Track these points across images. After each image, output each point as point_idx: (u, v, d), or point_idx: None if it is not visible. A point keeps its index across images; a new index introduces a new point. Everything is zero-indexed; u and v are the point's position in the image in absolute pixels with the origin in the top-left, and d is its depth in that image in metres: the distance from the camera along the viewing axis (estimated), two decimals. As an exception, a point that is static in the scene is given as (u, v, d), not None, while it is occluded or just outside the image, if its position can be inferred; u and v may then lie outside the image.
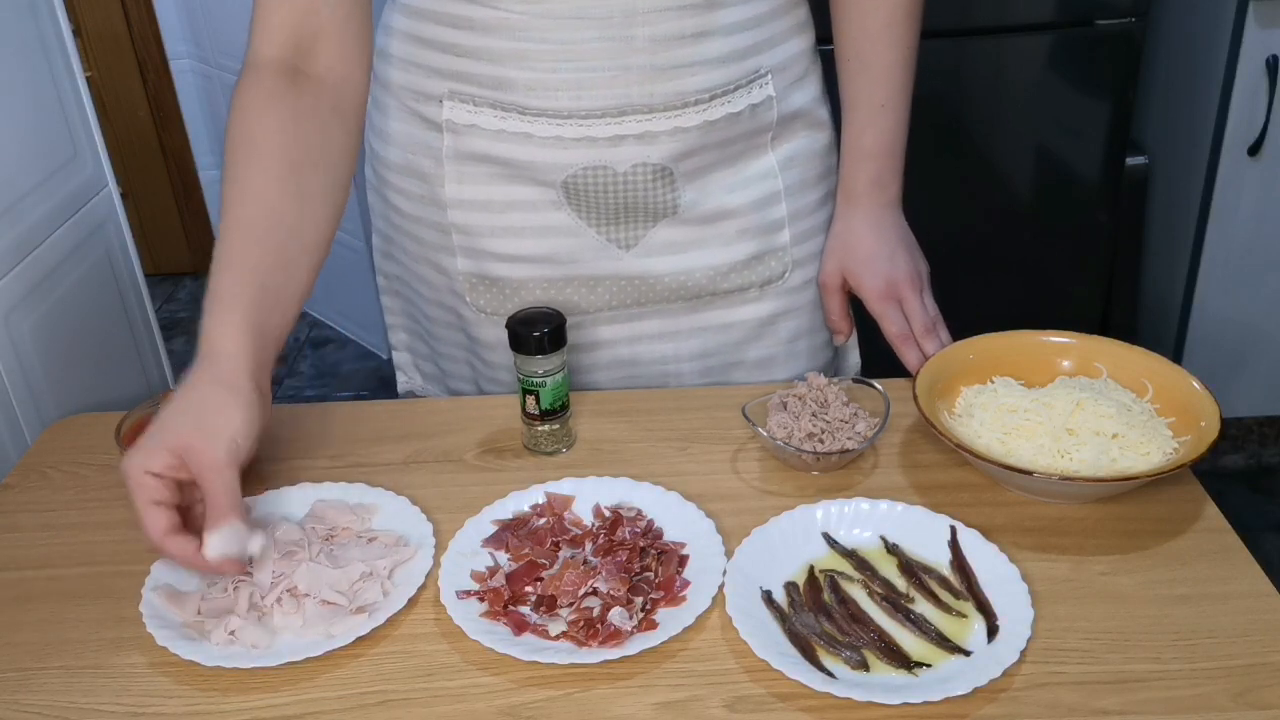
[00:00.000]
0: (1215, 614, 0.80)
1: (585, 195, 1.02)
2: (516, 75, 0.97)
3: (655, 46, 0.96)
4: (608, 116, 0.98)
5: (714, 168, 1.04)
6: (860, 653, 0.77)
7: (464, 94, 1.00)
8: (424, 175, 1.05)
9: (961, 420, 0.97)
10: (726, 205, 1.05)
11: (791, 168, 1.08)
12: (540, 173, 1.01)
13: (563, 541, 0.87)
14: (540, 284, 1.07)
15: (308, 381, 2.92)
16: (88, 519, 0.95)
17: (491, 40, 0.97)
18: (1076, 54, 2.08)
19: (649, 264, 1.06)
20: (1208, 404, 0.92)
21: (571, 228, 1.04)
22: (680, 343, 1.11)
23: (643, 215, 1.04)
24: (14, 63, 1.26)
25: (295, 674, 0.78)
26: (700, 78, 0.98)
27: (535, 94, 0.98)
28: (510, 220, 1.04)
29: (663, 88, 0.97)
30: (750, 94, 1.02)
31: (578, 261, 1.06)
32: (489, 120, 1.00)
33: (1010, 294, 2.27)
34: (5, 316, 1.20)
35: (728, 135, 1.02)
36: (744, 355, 1.12)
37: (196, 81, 3.11)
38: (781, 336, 1.13)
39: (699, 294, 1.08)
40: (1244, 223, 2.13)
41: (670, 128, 0.99)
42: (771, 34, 1.02)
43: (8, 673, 0.79)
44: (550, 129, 0.99)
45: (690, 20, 0.96)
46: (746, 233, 1.07)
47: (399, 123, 1.06)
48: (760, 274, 1.09)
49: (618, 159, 0.99)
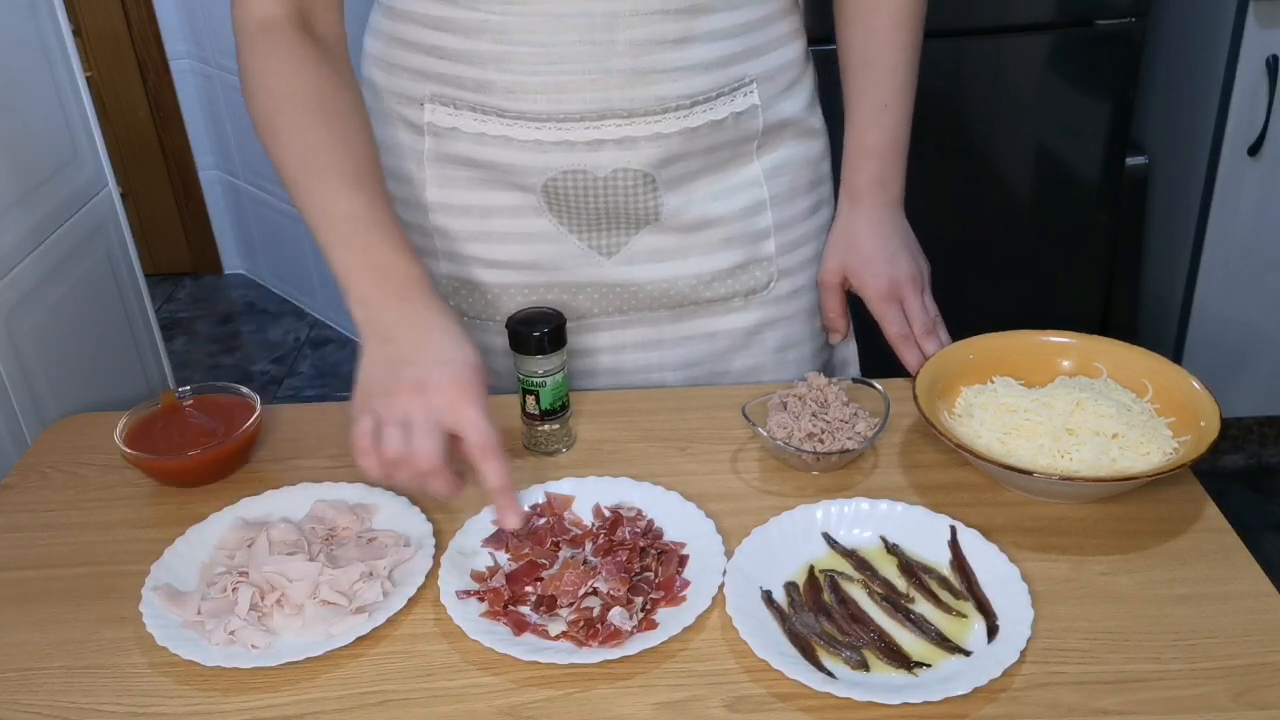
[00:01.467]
0: (1215, 614, 0.80)
1: (565, 200, 1.01)
2: (496, 77, 0.97)
3: (636, 51, 0.95)
4: (586, 120, 0.97)
5: (697, 175, 1.03)
6: (860, 653, 0.77)
7: (445, 97, 1.00)
8: (407, 178, 1.05)
9: (961, 420, 0.97)
10: (710, 213, 1.05)
11: (778, 176, 1.07)
12: (520, 176, 1.01)
13: (563, 541, 0.87)
14: (522, 290, 1.06)
15: (308, 381, 2.92)
16: (88, 519, 0.95)
17: (472, 42, 0.96)
18: (1076, 54, 2.08)
19: (631, 272, 1.06)
20: (1208, 404, 0.92)
21: (553, 234, 1.04)
22: (665, 351, 1.10)
23: (624, 222, 1.03)
24: (14, 63, 1.26)
25: (295, 674, 0.78)
26: (681, 84, 0.97)
27: (515, 96, 0.97)
28: (491, 226, 1.04)
29: (643, 92, 0.97)
30: (734, 102, 1.01)
31: (560, 268, 1.05)
32: (469, 123, 1.00)
33: (1010, 294, 2.27)
34: (6, 316, 1.20)
35: (711, 143, 1.01)
36: (730, 365, 1.12)
37: (196, 81, 3.11)
38: (769, 346, 1.12)
39: (682, 302, 1.08)
40: (1244, 223, 2.13)
41: (650, 133, 0.98)
42: (758, 42, 1.01)
43: (8, 673, 0.79)
44: (529, 132, 0.98)
45: (672, 25, 0.95)
46: (731, 241, 1.06)
47: (383, 126, 1.05)
48: (745, 283, 1.09)
49: (597, 164, 0.99)
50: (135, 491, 0.98)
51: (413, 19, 0.99)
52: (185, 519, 0.91)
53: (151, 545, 0.88)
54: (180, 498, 0.96)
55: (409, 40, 1.00)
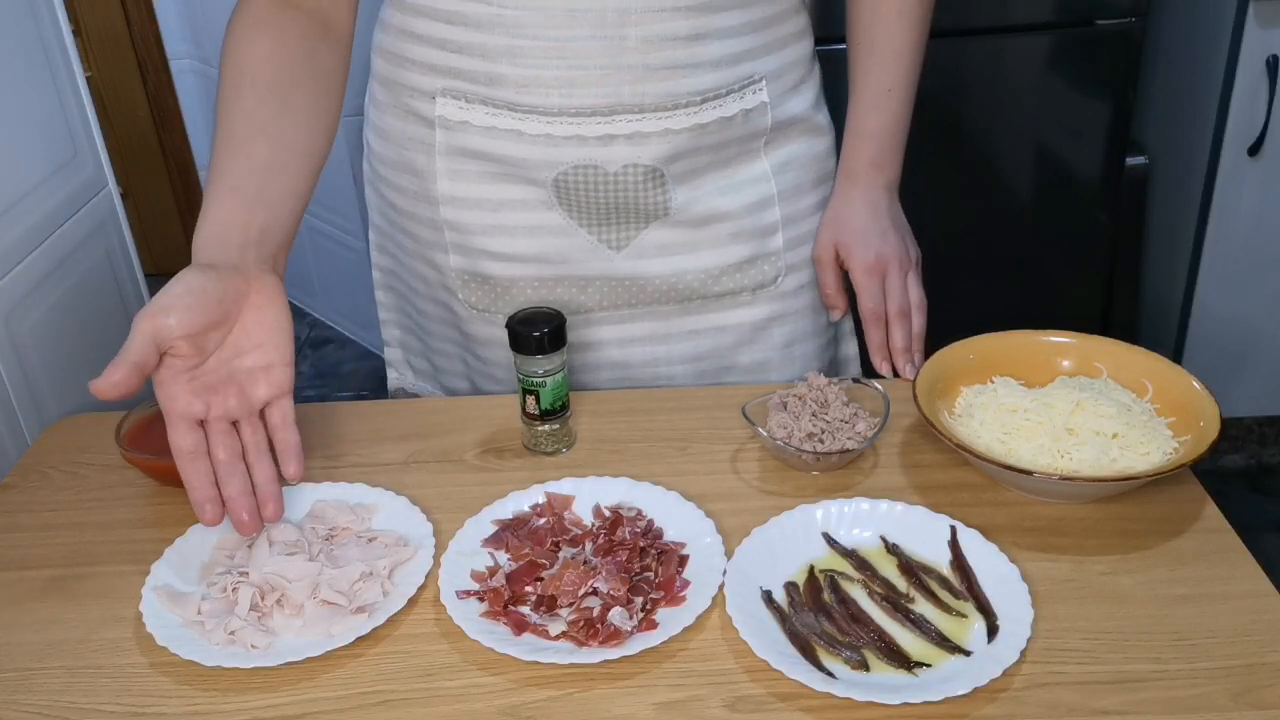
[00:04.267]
0: (1215, 614, 0.80)
1: (576, 195, 1.02)
2: (508, 71, 0.97)
3: (647, 47, 0.96)
4: (598, 115, 0.97)
5: (706, 170, 1.03)
6: (860, 653, 0.77)
7: (456, 90, 1.00)
8: (417, 171, 1.05)
9: (961, 420, 0.97)
10: (719, 208, 1.05)
11: (786, 172, 1.08)
12: (531, 170, 1.01)
13: (563, 541, 0.87)
14: (531, 283, 1.07)
15: (308, 381, 2.92)
16: (88, 519, 0.95)
17: (484, 36, 0.97)
18: (1076, 54, 2.08)
19: (640, 265, 1.06)
20: (1208, 404, 0.92)
21: (563, 227, 1.04)
22: (672, 345, 1.11)
23: (634, 216, 1.04)
24: (14, 63, 1.26)
25: (295, 674, 0.78)
26: (692, 80, 0.98)
27: (526, 91, 0.97)
28: (501, 219, 1.04)
29: (654, 88, 0.97)
30: (743, 99, 1.01)
31: (569, 261, 1.06)
32: (480, 117, 1.00)
33: (1010, 294, 2.28)
34: (5, 316, 1.20)
35: (720, 139, 1.02)
36: (737, 359, 1.12)
37: (196, 81, 3.11)
38: (776, 341, 1.12)
39: (690, 296, 1.08)
40: (1244, 223, 2.13)
41: (661, 129, 0.98)
42: (767, 40, 1.02)
43: (7, 673, 0.79)
44: (540, 126, 0.98)
45: (684, 22, 0.96)
46: (739, 236, 1.07)
47: (394, 118, 1.06)
48: (753, 278, 1.09)
49: (608, 159, 0.99)
50: (135, 491, 0.98)
51: (424, 12, 0.99)
52: (185, 519, 0.91)
53: (151, 545, 0.89)
54: (180, 498, 0.95)
55: (420, 34, 1.00)
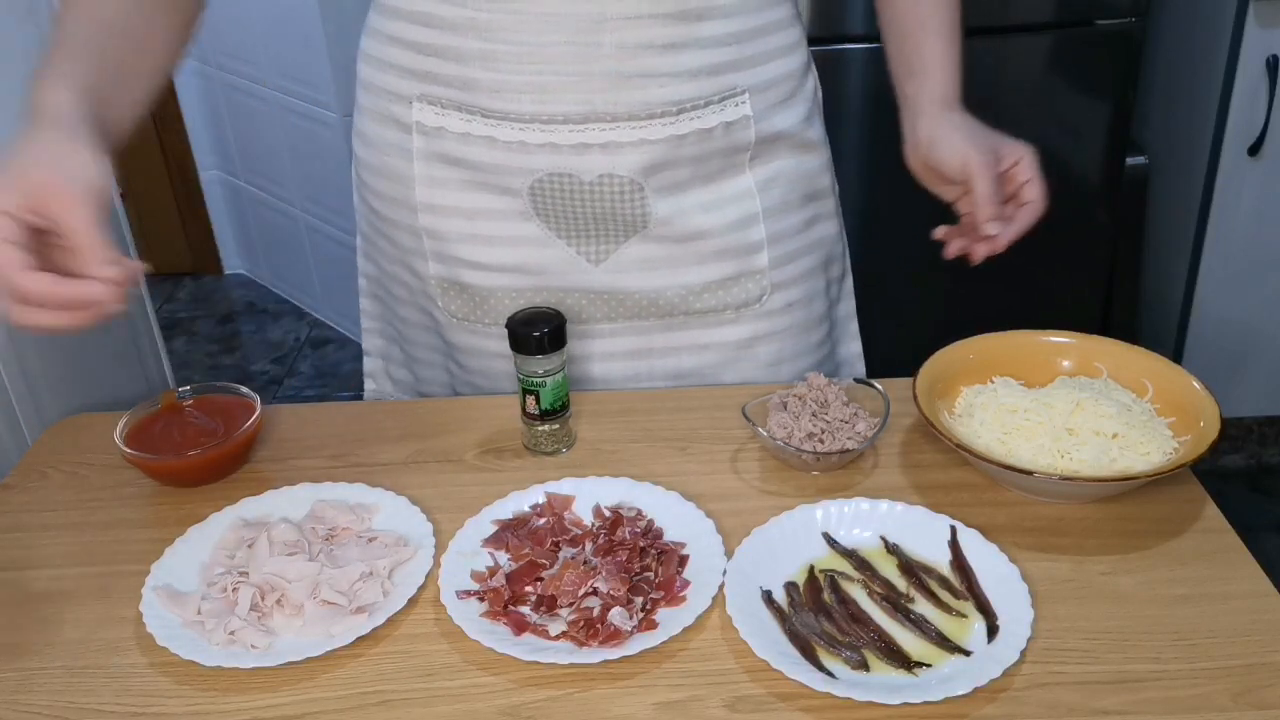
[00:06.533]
0: (1215, 614, 0.80)
1: (552, 204, 1.00)
2: (481, 76, 0.96)
3: (622, 54, 0.94)
4: (570, 123, 0.96)
5: (688, 185, 1.01)
6: (860, 653, 0.77)
7: (432, 95, 0.99)
8: (397, 177, 1.05)
9: (961, 420, 0.97)
10: (702, 225, 1.03)
11: (771, 189, 1.05)
12: (505, 178, 1.00)
13: (563, 541, 0.87)
14: (509, 293, 1.06)
15: (308, 381, 2.92)
16: (88, 519, 0.95)
17: (459, 40, 0.96)
18: (1076, 54, 2.08)
19: (619, 280, 1.05)
20: (1208, 404, 0.92)
21: (541, 239, 1.03)
22: (654, 361, 1.09)
23: (612, 229, 1.02)
24: (13, 66, 1.26)
25: (295, 674, 0.78)
26: (668, 90, 0.96)
27: (499, 96, 0.96)
28: (479, 228, 1.03)
29: (627, 97, 0.95)
30: (723, 111, 0.99)
31: (547, 273, 1.04)
32: (455, 123, 0.99)
33: (1010, 294, 2.27)
34: (5, 316, 1.20)
35: (699, 151, 1.00)
36: (720, 378, 1.11)
37: (196, 81, 3.11)
38: (761, 360, 1.11)
39: (671, 312, 1.07)
40: (1244, 223, 2.13)
41: (635, 139, 0.97)
42: (752, 53, 1.00)
43: (7, 673, 0.79)
44: (513, 133, 0.97)
45: (660, 30, 0.94)
46: (723, 254, 1.05)
47: (374, 124, 1.05)
48: (736, 296, 1.07)
49: (583, 168, 0.98)
50: (135, 491, 0.98)
51: (402, 15, 0.99)
52: (185, 519, 0.91)
53: (151, 545, 0.88)
54: (180, 498, 0.96)
55: (398, 37, 1.00)
